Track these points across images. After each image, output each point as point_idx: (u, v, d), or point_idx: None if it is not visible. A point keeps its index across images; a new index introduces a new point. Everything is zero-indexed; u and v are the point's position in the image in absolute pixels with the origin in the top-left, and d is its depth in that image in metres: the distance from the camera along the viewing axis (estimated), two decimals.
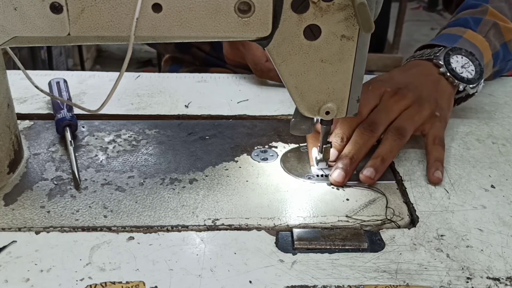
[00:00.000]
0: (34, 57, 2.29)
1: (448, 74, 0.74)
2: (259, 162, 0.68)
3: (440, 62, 0.75)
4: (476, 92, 0.76)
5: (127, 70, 0.53)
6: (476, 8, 0.87)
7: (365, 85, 0.70)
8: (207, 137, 0.73)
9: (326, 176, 0.65)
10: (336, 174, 0.64)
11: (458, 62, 0.76)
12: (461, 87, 0.75)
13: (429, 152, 0.68)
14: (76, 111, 0.75)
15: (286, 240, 0.56)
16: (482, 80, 0.76)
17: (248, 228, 0.57)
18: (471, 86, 0.75)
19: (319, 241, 0.56)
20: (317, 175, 0.66)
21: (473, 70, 0.76)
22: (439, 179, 0.64)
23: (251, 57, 0.89)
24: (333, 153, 0.66)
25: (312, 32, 0.53)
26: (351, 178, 0.64)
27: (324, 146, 0.65)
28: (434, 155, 0.67)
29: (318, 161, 0.66)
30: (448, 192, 0.63)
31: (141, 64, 3.06)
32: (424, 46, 0.82)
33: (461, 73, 0.75)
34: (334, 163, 0.66)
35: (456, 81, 0.74)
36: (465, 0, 0.92)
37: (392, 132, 0.67)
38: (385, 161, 0.65)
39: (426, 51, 0.79)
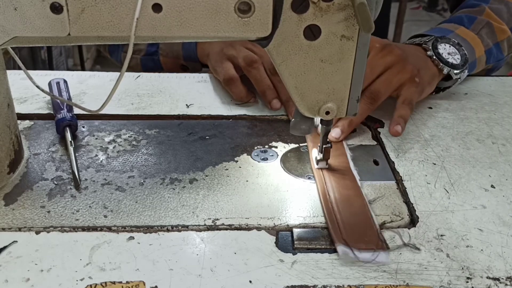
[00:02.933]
0: (34, 57, 2.29)
1: (434, 57, 0.79)
2: (259, 162, 0.68)
3: (428, 47, 0.80)
4: (459, 78, 0.81)
5: (127, 70, 0.53)
6: (473, 8, 0.90)
7: None
8: (207, 137, 0.73)
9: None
10: (335, 132, 0.71)
11: (445, 49, 0.80)
12: (445, 71, 0.79)
13: (396, 110, 0.73)
14: (76, 111, 0.75)
15: (286, 240, 0.56)
16: (467, 70, 0.81)
17: (248, 228, 0.57)
18: (455, 72, 0.80)
19: (319, 241, 0.56)
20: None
21: (458, 58, 0.80)
22: (398, 133, 0.70)
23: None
24: None
25: (312, 32, 0.53)
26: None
27: (324, 146, 0.65)
28: (399, 112, 0.72)
29: (318, 161, 0.66)
30: (448, 192, 0.63)
31: None
32: (414, 36, 0.86)
33: (447, 58, 0.80)
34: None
35: (441, 64, 0.79)
36: (466, 1, 0.94)
37: (366, 96, 0.71)
38: (352, 124, 0.71)
39: (416, 40, 0.84)
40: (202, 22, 0.51)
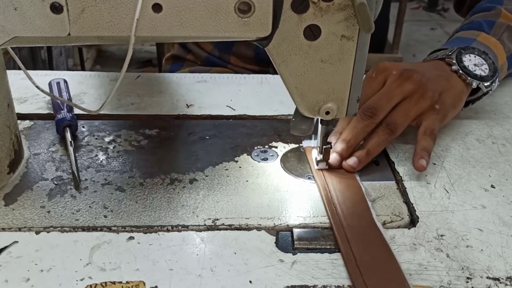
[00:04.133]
0: (34, 57, 2.29)
1: (461, 71, 0.73)
2: (259, 162, 0.68)
3: (452, 60, 0.74)
4: (490, 90, 0.75)
5: (127, 70, 0.54)
6: (489, 11, 0.86)
7: (370, 70, 0.71)
8: (207, 137, 0.73)
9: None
10: (333, 157, 0.66)
11: (471, 61, 0.74)
12: (474, 84, 0.73)
13: (418, 141, 0.68)
14: (76, 111, 0.75)
15: (286, 240, 0.56)
16: (497, 79, 0.75)
17: (248, 228, 0.57)
18: (485, 84, 0.73)
19: (319, 241, 0.56)
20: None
21: (486, 69, 0.74)
22: (423, 167, 0.65)
23: None
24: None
25: (312, 32, 0.53)
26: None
27: (324, 146, 0.65)
28: (422, 144, 0.67)
29: (318, 162, 0.66)
30: (448, 192, 0.63)
31: (141, 64, 3.06)
32: (436, 50, 0.81)
33: (474, 71, 0.74)
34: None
35: (468, 78, 0.73)
36: (478, 4, 0.90)
37: (384, 127, 0.67)
38: (370, 155, 0.66)
39: (438, 53, 0.78)
40: (202, 22, 0.51)
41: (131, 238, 0.55)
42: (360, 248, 0.54)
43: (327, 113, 0.59)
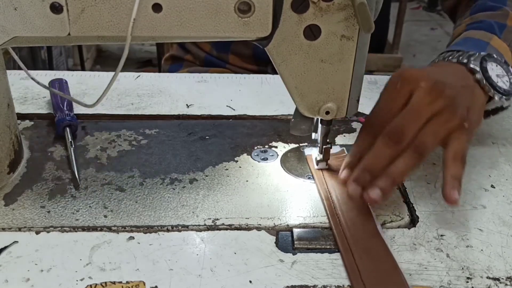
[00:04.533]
0: (34, 57, 2.29)
1: (485, 82, 0.65)
2: (259, 162, 0.68)
3: (476, 68, 0.66)
4: (509, 106, 0.69)
5: (127, 70, 0.54)
6: (495, 11, 0.80)
7: (394, 77, 0.61)
8: (207, 137, 0.73)
9: None
10: (352, 188, 0.57)
11: (493, 70, 0.67)
12: (496, 98, 0.66)
13: (447, 167, 0.58)
14: (76, 111, 0.75)
15: (286, 240, 0.56)
16: None
17: (248, 228, 0.57)
18: (506, 97, 0.66)
19: (319, 241, 0.56)
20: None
21: (507, 81, 0.67)
22: (456, 200, 0.55)
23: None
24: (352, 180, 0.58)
25: (312, 32, 0.54)
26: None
27: (324, 146, 0.65)
28: (452, 171, 0.57)
29: (318, 162, 0.66)
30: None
31: (141, 64, 3.06)
32: (450, 50, 0.72)
33: (497, 82, 0.66)
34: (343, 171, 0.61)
35: (492, 90, 0.65)
36: (482, 1, 0.84)
37: (412, 150, 0.57)
38: (396, 183, 0.57)
39: (456, 53, 0.69)
40: (202, 22, 0.51)
41: (131, 238, 0.55)
42: (359, 248, 0.54)
43: (327, 113, 0.59)
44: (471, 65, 0.66)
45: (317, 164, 0.66)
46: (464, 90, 0.63)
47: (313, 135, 0.66)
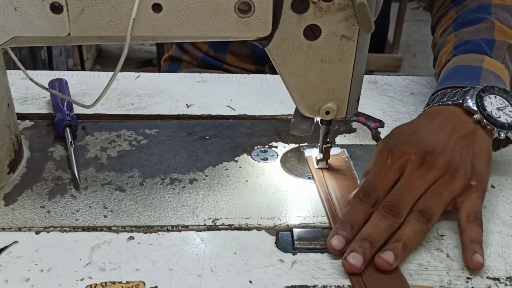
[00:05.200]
0: (34, 57, 2.29)
1: (485, 121, 0.61)
2: (259, 162, 0.68)
3: (472, 107, 0.62)
4: None
5: (127, 70, 0.54)
6: (479, 23, 0.76)
7: (383, 152, 0.59)
8: (207, 137, 0.73)
9: None
10: (353, 257, 0.51)
11: (493, 104, 0.62)
12: (502, 135, 0.62)
13: (463, 231, 0.56)
14: (76, 111, 0.75)
15: (286, 240, 0.56)
16: None
17: (248, 228, 0.57)
18: None
19: (319, 241, 0.56)
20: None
21: (510, 111, 0.63)
22: (480, 264, 0.52)
23: None
24: (339, 240, 0.53)
25: (312, 32, 0.54)
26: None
27: (324, 146, 0.65)
28: (469, 235, 0.55)
29: (318, 161, 0.66)
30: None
31: (141, 64, 3.07)
32: (442, 88, 0.69)
33: (499, 117, 0.62)
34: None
35: (495, 128, 0.61)
36: (464, 13, 0.80)
37: (416, 215, 0.55)
38: (408, 247, 0.53)
39: (450, 92, 0.66)
40: (202, 22, 0.51)
41: (131, 238, 0.55)
42: None
43: (327, 113, 0.59)
44: (466, 105, 0.62)
45: (317, 164, 0.66)
46: (463, 145, 0.60)
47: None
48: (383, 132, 0.75)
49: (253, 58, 1.10)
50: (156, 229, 0.56)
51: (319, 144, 0.65)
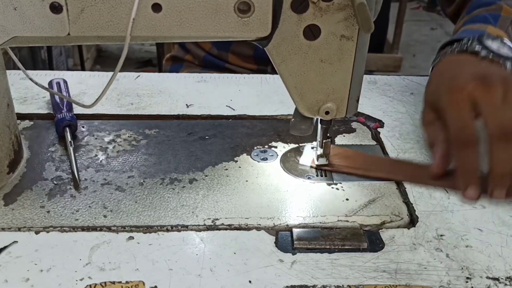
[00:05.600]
0: (34, 57, 2.29)
1: (492, 55, 0.65)
2: (259, 162, 0.68)
3: (476, 48, 0.66)
4: None
5: (127, 70, 0.54)
6: (489, 6, 0.81)
7: (455, 93, 0.57)
8: (207, 137, 0.73)
9: (326, 175, 0.66)
10: (499, 192, 0.53)
11: (493, 44, 0.67)
12: (508, 65, 0.65)
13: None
14: (76, 111, 0.75)
15: (286, 240, 0.56)
16: None
17: (248, 228, 0.57)
18: None
19: (318, 241, 0.56)
20: (317, 175, 0.66)
21: (510, 49, 0.67)
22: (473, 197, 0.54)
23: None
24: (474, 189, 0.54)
25: (312, 32, 0.54)
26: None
27: (324, 141, 0.64)
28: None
29: (318, 157, 0.66)
30: (447, 192, 0.63)
31: (141, 64, 3.06)
32: (446, 44, 0.73)
33: (500, 51, 0.66)
34: None
35: (501, 59, 0.65)
36: (476, 0, 0.85)
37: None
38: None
39: (455, 45, 0.70)
40: (201, 22, 0.51)
41: (131, 238, 0.55)
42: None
43: (327, 113, 0.59)
44: (472, 49, 0.66)
45: (317, 160, 0.66)
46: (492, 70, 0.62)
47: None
48: (383, 132, 0.75)
49: (255, 58, 1.10)
50: (155, 229, 0.56)
51: (318, 140, 0.65)
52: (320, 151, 0.66)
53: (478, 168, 0.54)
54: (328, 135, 0.64)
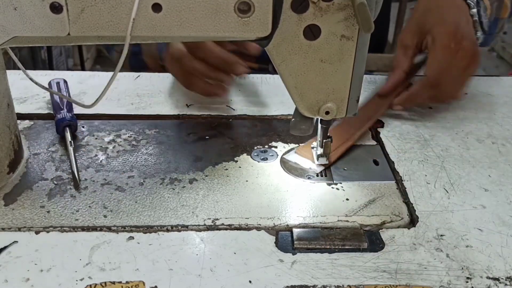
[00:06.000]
0: (34, 57, 2.29)
1: (476, 18, 0.75)
2: (259, 162, 0.68)
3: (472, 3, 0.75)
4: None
5: (127, 70, 0.54)
6: None
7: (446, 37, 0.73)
8: (207, 137, 0.73)
9: (326, 175, 0.66)
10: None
11: (481, 8, 0.77)
12: (479, 35, 0.75)
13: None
14: (76, 111, 0.75)
15: (286, 240, 0.56)
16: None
17: (248, 228, 0.57)
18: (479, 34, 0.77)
19: (319, 241, 0.56)
20: (317, 174, 0.66)
21: (487, 20, 0.77)
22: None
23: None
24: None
25: (312, 32, 0.53)
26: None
27: (324, 140, 0.64)
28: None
29: (318, 156, 0.66)
30: (448, 192, 0.63)
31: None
32: None
33: (482, 18, 0.77)
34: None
35: (479, 31, 0.76)
36: None
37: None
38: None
39: None
40: (202, 22, 0.51)
41: (131, 238, 0.55)
42: None
43: (327, 113, 0.59)
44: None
45: (317, 159, 0.66)
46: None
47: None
48: (383, 132, 0.75)
49: (257, 57, 1.10)
50: (155, 229, 0.56)
51: (318, 139, 0.65)
52: (320, 151, 0.66)
53: None
54: (328, 135, 0.65)
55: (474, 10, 0.74)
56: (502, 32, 0.93)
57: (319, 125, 0.64)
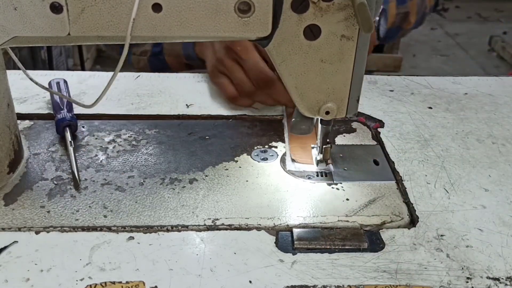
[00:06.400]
0: (34, 57, 2.29)
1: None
2: (259, 162, 0.68)
3: None
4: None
5: (127, 70, 0.54)
6: None
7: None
8: (207, 137, 0.73)
9: (326, 175, 0.66)
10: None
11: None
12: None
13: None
14: (76, 111, 0.75)
15: (286, 240, 0.56)
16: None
17: (248, 228, 0.57)
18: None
19: (319, 241, 0.56)
20: (317, 175, 0.66)
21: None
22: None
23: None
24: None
25: (312, 32, 0.53)
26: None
27: (324, 146, 0.65)
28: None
29: (318, 162, 0.66)
30: (448, 192, 0.63)
31: None
32: None
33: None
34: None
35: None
36: None
37: None
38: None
39: None
40: (202, 22, 0.51)
41: (131, 238, 0.55)
42: None
43: (327, 113, 0.59)
44: None
45: (317, 165, 0.66)
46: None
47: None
48: (383, 132, 0.75)
49: None
50: (156, 229, 0.56)
51: (318, 145, 0.65)
52: (320, 156, 0.66)
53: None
54: (328, 140, 0.65)
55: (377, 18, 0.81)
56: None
57: (319, 130, 0.64)
